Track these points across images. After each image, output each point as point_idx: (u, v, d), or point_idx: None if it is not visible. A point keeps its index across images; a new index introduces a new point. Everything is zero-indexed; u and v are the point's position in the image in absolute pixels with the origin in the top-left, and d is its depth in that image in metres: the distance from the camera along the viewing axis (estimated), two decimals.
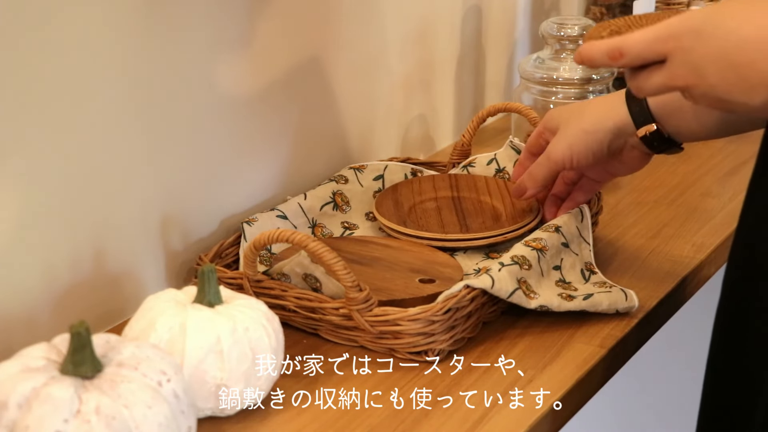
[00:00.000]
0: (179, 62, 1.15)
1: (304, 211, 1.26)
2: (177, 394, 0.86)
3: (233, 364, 0.95)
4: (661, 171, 1.49)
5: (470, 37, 1.61)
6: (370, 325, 1.05)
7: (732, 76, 0.91)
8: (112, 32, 1.07)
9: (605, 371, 1.09)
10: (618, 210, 1.38)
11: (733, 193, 1.42)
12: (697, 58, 0.92)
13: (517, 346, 1.09)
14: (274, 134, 1.30)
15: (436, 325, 1.05)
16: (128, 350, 0.87)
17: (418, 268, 1.17)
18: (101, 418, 0.81)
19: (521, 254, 1.14)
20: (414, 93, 1.52)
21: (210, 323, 0.95)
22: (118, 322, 1.13)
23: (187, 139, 1.18)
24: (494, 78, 1.69)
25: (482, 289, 1.08)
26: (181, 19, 1.14)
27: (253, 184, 1.28)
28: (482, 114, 1.36)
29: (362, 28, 1.40)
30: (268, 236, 1.04)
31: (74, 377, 0.84)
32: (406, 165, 1.36)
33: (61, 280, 1.07)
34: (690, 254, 1.27)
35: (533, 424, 0.98)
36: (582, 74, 1.44)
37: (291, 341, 1.06)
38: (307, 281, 1.09)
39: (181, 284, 1.16)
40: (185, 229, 1.20)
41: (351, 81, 1.40)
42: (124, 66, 1.09)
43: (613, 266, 1.24)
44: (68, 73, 1.04)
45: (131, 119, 1.11)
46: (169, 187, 1.17)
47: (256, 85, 1.25)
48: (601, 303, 1.12)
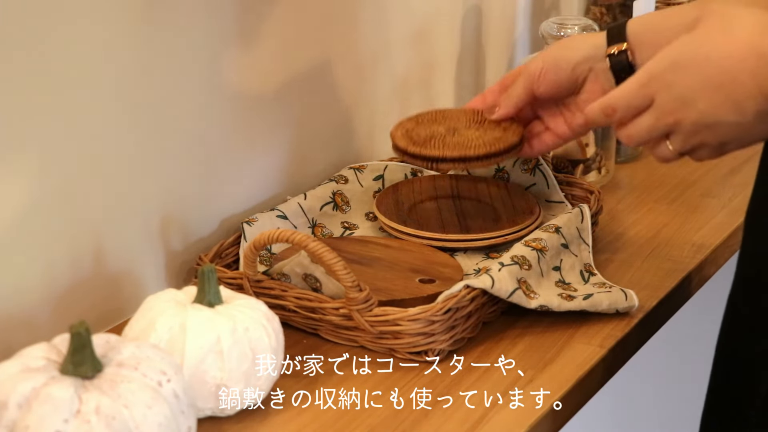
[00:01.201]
0: (180, 62, 1.15)
1: (304, 211, 1.26)
2: (177, 394, 0.86)
3: (233, 364, 0.95)
4: (662, 171, 1.49)
5: (470, 37, 1.61)
6: (370, 325, 1.05)
7: (718, 96, 0.92)
8: (112, 32, 1.07)
9: (605, 371, 1.09)
10: (618, 210, 1.38)
11: (733, 193, 1.42)
12: (681, 90, 0.94)
13: (517, 346, 1.09)
14: (274, 134, 1.30)
15: (436, 325, 1.05)
16: (128, 350, 0.87)
17: (418, 268, 1.17)
18: (101, 418, 0.81)
19: (521, 254, 1.14)
20: (414, 93, 1.52)
21: (210, 323, 0.95)
22: (118, 322, 1.13)
23: (188, 139, 1.18)
24: (494, 78, 1.69)
25: (482, 289, 1.08)
26: (181, 21, 1.14)
27: (253, 184, 1.28)
28: None
29: (362, 28, 1.40)
30: (268, 236, 1.04)
31: (74, 377, 0.84)
32: (406, 165, 1.35)
33: (61, 280, 1.07)
34: (690, 254, 1.27)
35: (533, 424, 0.98)
36: None
37: (291, 341, 1.06)
38: (307, 281, 1.09)
39: (181, 284, 1.16)
40: (185, 229, 1.20)
41: (351, 81, 1.40)
42: (124, 66, 1.09)
43: (613, 266, 1.24)
44: (68, 73, 1.04)
45: (131, 119, 1.11)
46: (169, 187, 1.17)
47: (256, 85, 1.25)
48: (601, 303, 1.12)
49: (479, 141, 1.18)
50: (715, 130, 0.95)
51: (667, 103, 0.95)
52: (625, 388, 1.95)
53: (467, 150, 1.17)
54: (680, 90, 0.94)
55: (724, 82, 0.92)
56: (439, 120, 1.24)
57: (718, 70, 0.92)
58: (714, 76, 0.92)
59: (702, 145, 0.97)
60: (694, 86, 0.93)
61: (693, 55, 0.93)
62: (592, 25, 1.43)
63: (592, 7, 1.60)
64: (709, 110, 0.93)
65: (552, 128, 1.18)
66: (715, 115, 0.93)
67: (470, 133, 1.20)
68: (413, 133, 1.21)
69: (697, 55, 0.93)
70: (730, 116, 0.93)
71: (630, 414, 2.14)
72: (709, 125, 0.94)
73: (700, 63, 0.93)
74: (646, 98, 0.97)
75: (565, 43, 1.15)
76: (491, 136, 1.19)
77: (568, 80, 1.13)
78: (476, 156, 1.17)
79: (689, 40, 0.94)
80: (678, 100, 0.95)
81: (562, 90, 1.14)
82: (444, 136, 1.20)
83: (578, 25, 1.44)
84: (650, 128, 0.98)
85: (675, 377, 2.16)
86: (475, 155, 1.17)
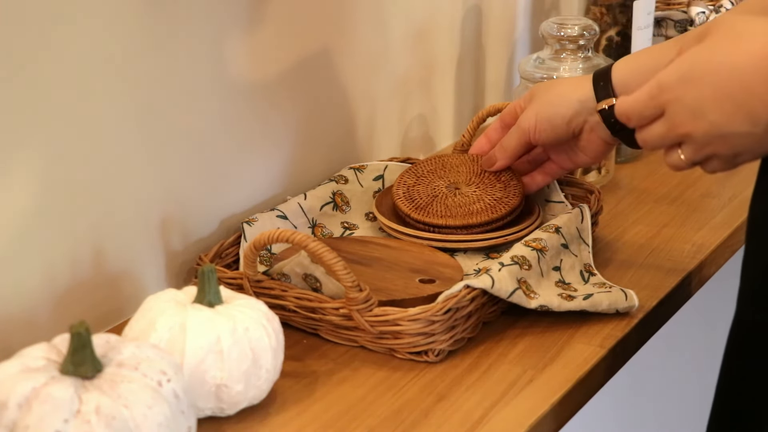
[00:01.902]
0: (180, 63, 1.15)
1: (304, 211, 1.26)
2: (177, 394, 0.86)
3: (233, 364, 0.95)
4: (661, 171, 1.49)
5: (470, 37, 1.61)
6: (370, 325, 1.05)
7: (730, 106, 0.91)
8: (112, 31, 1.07)
9: (605, 371, 1.09)
10: (618, 210, 1.38)
11: (733, 193, 1.42)
12: (691, 102, 0.93)
13: (517, 346, 1.09)
14: (274, 134, 1.30)
15: (436, 325, 1.05)
16: (128, 350, 0.87)
17: (418, 268, 1.17)
18: (101, 418, 0.81)
19: (521, 254, 1.14)
20: (414, 93, 1.52)
21: (210, 323, 0.95)
22: (118, 322, 1.13)
23: (187, 139, 1.18)
24: (494, 78, 1.69)
25: (482, 289, 1.08)
26: (181, 21, 1.14)
27: (253, 184, 1.28)
28: (482, 114, 1.36)
29: (362, 28, 1.40)
30: (268, 236, 1.04)
31: (74, 377, 0.84)
32: (406, 165, 1.35)
33: (61, 280, 1.07)
34: (690, 254, 1.27)
35: (533, 425, 0.98)
36: (582, 75, 1.44)
37: (291, 341, 1.06)
38: (307, 281, 1.09)
39: (181, 284, 1.16)
40: (185, 229, 1.20)
41: (351, 81, 1.40)
42: (124, 66, 1.09)
43: (613, 266, 1.24)
44: (68, 73, 1.04)
45: (131, 119, 1.11)
46: (169, 187, 1.17)
47: (256, 85, 1.25)
48: (601, 303, 1.12)
49: (481, 204, 1.23)
50: (728, 141, 0.94)
51: (678, 115, 0.95)
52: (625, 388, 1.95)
53: (470, 218, 1.22)
54: (690, 102, 0.93)
55: (736, 92, 0.91)
56: (439, 172, 1.29)
57: (729, 80, 0.91)
58: (725, 86, 0.91)
59: (714, 155, 0.96)
60: (705, 97, 0.92)
61: (704, 66, 0.93)
62: (593, 25, 1.43)
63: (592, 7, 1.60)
64: (721, 121, 0.92)
65: (555, 160, 1.24)
66: (726, 126, 0.92)
67: (471, 190, 1.25)
68: (414, 192, 1.26)
69: (708, 66, 0.92)
70: (743, 126, 0.92)
71: (630, 414, 2.14)
72: (721, 136, 0.93)
73: (712, 73, 0.92)
74: (657, 109, 0.97)
75: (553, 100, 1.18)
76: (492, 197, 1.24)
77: (565, 133, 1.18)
78: (479, 224, 1.22)
79: (700, 51, 0.94)
80: (688, 113, 0.94)
81: (561, 140, 1.19)
82: (446, 196, 1.25)
83: (578, 25, 1.44)
84: (661, 137, 0.98)
85: (675, 377, 2.16)
86: (478, 222, 1.22)
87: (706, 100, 0.93)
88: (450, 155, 1.31)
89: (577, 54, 1.43)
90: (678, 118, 0.95)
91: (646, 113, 0.98)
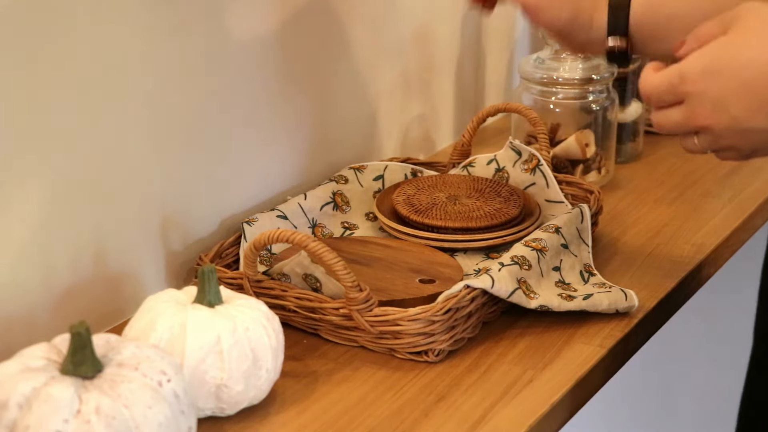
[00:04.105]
0: (180, 64, 1.15)
1: (304, 211, 1.26)
2: (177, 394, 0.86)
3: (233, 364, 0.95)
4: (661, 171, 1.49)
5: (470, 37, 1.61)
6: (370, 325, 1.05)
7: (755, 102, 0.90)
8: (112, 33, 1.07)
9: (605, 371, 1.09)
10: (618, 210, 1.38)
11: (733, 193, 1.42)
12: (714, 95, 0.92)
13: (517, 346, 1.09)
14: (274, 134, 1.30)
15: (436, 325, 1.05)
16: (128, 350, 0.87)
17: (418, 268, 1.17)
18: (101, 418, 0.81)
19: (521, 254, 1.14)
20: (414, 93, 1.52)
21: (210, 323, 0.95)
22: (118, 322, 1.13)
23: (187, 139, 1.18)
24: (494, 78, 1.69)
25: (482, 289, 1.08)
26: (182, 22, 1.14)
27: (253, 184, 1.28)
28: (482, 114, 1.36)
29: (362, 28, 1.40)
30: (268, 236, 1.04)
31: (74, 377, 0.84)
32: (406, 165, 1.36)
33: (61, 280, 1.07)
34: (690, 254, 1.27)
35: (533, 424, 0.98)
36: (582, 74, 1.44)
37: (291, 341, 1.06)
38: (307, 281, 1.09)
39: (181, 284, 1.16)
40: (185, 229, 1.20)
41: (351, 81, 1.40)
42: (124, 67, 1.09)
43: (613, 266, 1.24)
44: (68, 74, 1.04)
45: (131, 120, 1.11)
46: (169, 187, 1.17)
47: (256, 85, 1.26)
48: (601, 303, 1.12)
49: (480, 213, 1.24)
50: (747, 137, 0.93)
51: (698, 107, 0.94)
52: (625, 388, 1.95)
53: (469, 222, 1.22)
54: (713, 95, 0.92)
55: (762, 88, 0.90)
56: (439, 186, 1.30)
57: (758, 75, 0.90)
58: (750, 81, 0.90)
59: (731, 148, 0.96)
60: (728, 91, 0.91)
61: (730, 61, 0.91)
62: None
63: None
64: (743, 116, 0.91)
65: None
66: (748, 121, 0.91)
67: (471, 202, 1.26)
68: (414, 200, 1.26)
69: (734, 61, 0.91)
70: (765, 123, 0.91)
71: (630, 414, 2.14)
72: (741, 131, 0.92)
73: (739, 67, 0.91)
74: (677, 96, 0.95)
75: None
76: (492, 207, 1.25)
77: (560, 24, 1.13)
78: (478, 228, 1.22)
79: (726, 44, 0.92)
80: (709, 106, 0.93)
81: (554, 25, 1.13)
82: (445, 204, 1.26)
83: None
84: (679, 125, 0.96)
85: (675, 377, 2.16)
86: (477, 227, 1.22)
87: (731, 95, 0.91)
88: (451, 174, 1.33)
89: (576, 54, 1.43)
90: (698, 109, 0.94)
91: (665, 98, 0.96)
